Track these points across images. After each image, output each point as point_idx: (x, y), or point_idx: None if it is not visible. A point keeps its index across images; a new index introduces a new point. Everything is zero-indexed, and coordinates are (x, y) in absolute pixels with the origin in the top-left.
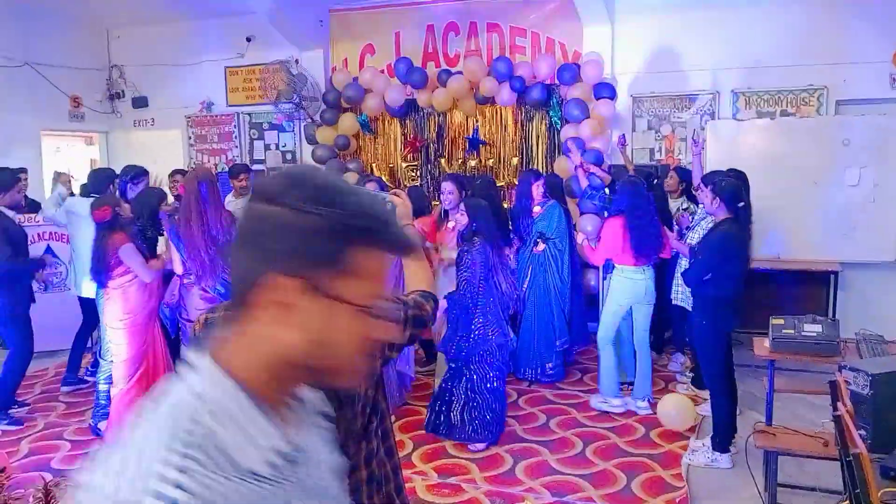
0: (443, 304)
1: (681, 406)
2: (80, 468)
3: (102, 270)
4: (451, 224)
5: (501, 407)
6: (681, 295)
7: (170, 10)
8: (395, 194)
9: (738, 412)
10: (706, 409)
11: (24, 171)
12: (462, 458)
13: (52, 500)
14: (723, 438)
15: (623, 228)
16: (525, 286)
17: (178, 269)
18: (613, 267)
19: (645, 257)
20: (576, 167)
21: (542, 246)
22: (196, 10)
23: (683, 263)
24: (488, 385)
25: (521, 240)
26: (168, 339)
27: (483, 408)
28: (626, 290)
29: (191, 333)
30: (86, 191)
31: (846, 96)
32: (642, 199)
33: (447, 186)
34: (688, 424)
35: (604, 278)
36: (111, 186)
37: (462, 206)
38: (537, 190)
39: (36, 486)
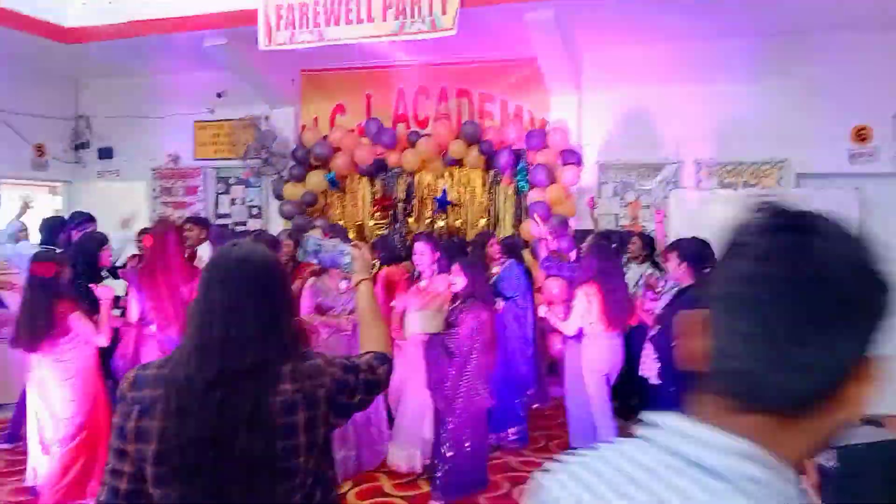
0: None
1: None
2: None
3: (40, 335)
4: (423, 283)
5: (472, 466)
6: (647, 367)
7: (141, 62)
8: (355, 246)
9: None
10: None
11: None
12: None
13: None
14: None
15: (596, 294)
16: None
17: (134, 316)
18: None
19: (617, 323)
20: (539, 239)
21: (500, 304)
22: (168, 64)
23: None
24: (466, 444)
25: None
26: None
27: (452, 462)
28: (603, 357)
29: (119, 391)
30: (42, 240)
31: (807, 170)
32: (611, 262)
33: (420, 247)
34: None
35: (564, 342)
36: (61, 235)
37: (457, 266)
38: (492, 249)
39: None
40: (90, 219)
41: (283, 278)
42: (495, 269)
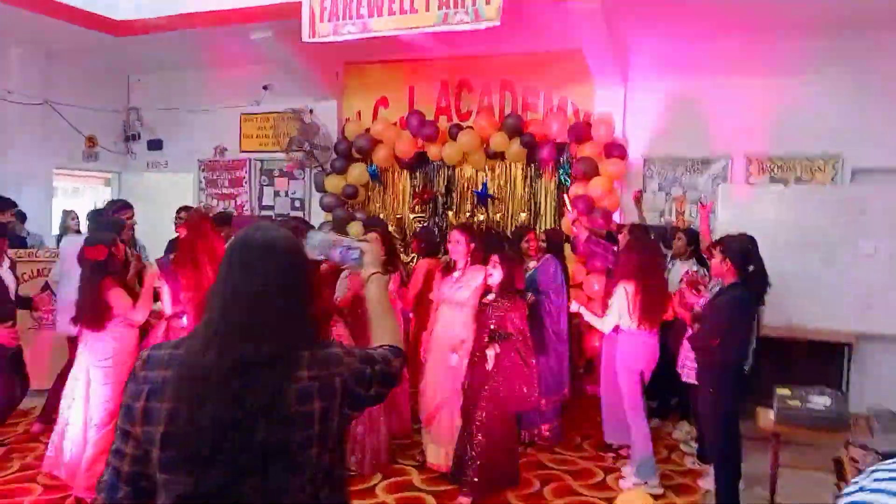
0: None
1: None
2: None
3: (96, 316)
4: (456, 274)
5: (503, 462)
6: (686, 369)
7: (189, 55)
8: (364, 240)
9: (741, 487)
10: (709, 482)
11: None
12: None
13: None
14: None
15: (635, 290)
16: None
17: (168, 310)
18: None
19: (653, 320)
20: (572, 221)
21: (531, 297)
22: (215, 57)
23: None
24: (496, 440)
25: None
26: None
27: (484, 458)
28: (638, 355)
29: (132, 370)
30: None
31: (862, 165)
32: (652, 257)
33: (455, 236)
34: None
35: (601, 339)
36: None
37: (495, 258)
38: (529, 244)
39: None
40: (126, 205)
41: (306, 264)
42: (532, 264)
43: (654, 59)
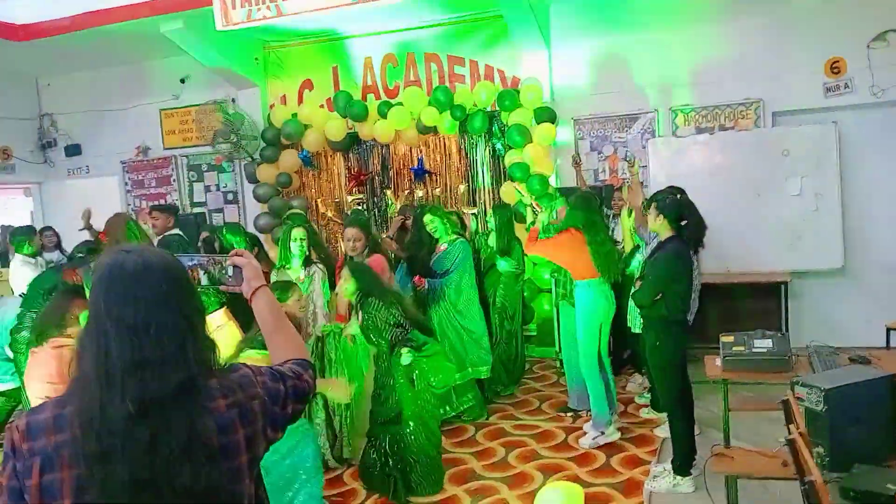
0: None
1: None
2: None
3: (48, 328)
4: None
5: None
6: (635, 319)
7: (98, 55)
8: (237, 254)
9: (697, 432)
10: (666, 430)
11: None
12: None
13: None
14: (683, 461)
15: (582, 243)
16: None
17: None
18: (572, 288)
19: (611, 274)
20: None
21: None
22: (127, 54)
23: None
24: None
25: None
26: None
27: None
28: (598, 306)
29: (6, 446)
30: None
31: (782, 107)
32: (597, 213)
33: (352, 233)
34: None
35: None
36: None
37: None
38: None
39: None
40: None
41: (189, 283)
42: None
43: (575, 19)
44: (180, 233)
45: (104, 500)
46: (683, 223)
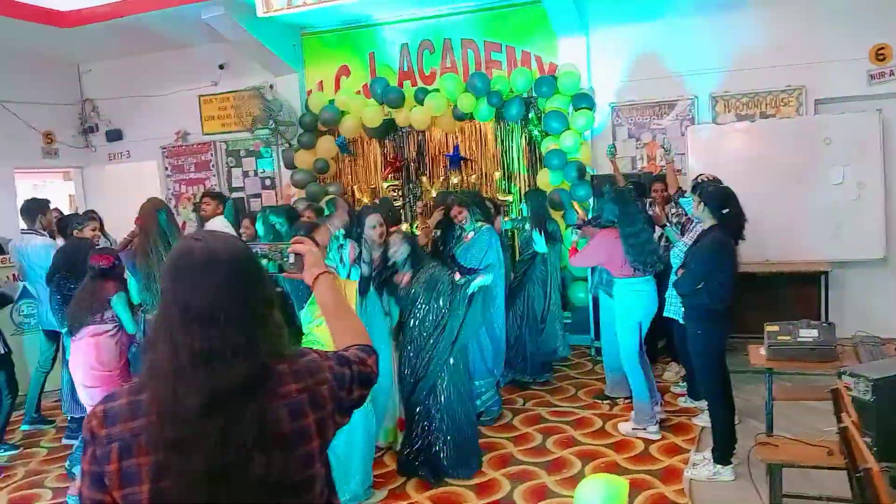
0: None
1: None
2: None
3: (83, 315)
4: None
5: None
6: (672, 307)
7: (139, 42)
8: (297, 242)
9: (737, 421)
10: (704, 419)
11: None
12: (457, 486)
13: None
14: (723, 450)
15: (617, 239)
16: None
17: (136, 299)
18: (612, 284)
19: (646, 265)
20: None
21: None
22: (167, 41)
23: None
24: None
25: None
26: None
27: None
28: (635, 305)
29: (86, 432)
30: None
31: (825, 95)
32: (631, 206)
33: (374, 219)
34: None
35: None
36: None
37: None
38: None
39: None
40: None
41: (259, 270)
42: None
43: (614, 4)
44: (226, 220)
45: (181, 487)
46: (725, 211)
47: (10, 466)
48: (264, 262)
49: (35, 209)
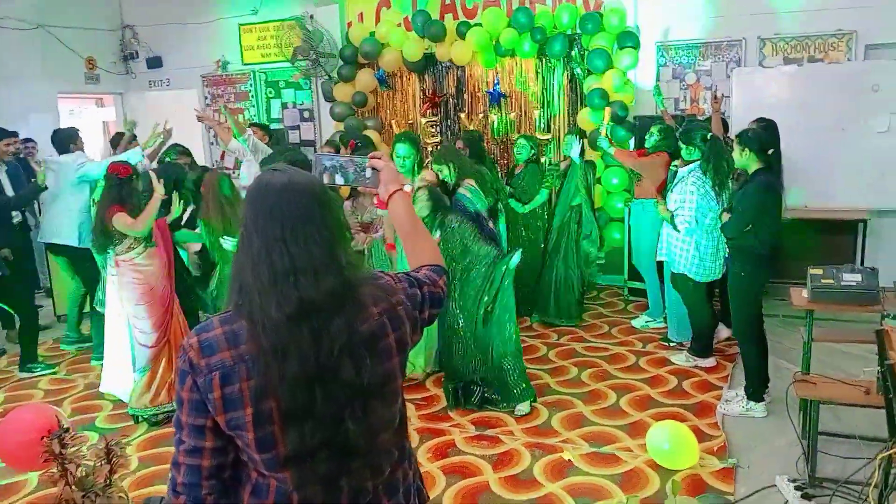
0: None
1: (676, 440)
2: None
3: (103, 241)
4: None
5: None
6: (665, 249)
7: None
8: (374, 157)
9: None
10: (680, 358)
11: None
12: (497, 411)
13: (114, 459)
14: (756, 388)
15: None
16: None
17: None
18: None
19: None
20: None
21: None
22: None
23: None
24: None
25: None
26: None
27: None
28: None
29: (183, 363)
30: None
31: (876, 40)
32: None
33: (403, 149)
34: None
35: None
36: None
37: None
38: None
39: (96, 445)
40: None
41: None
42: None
43: None
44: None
45: (284, 400)
46: (771, 152)
47: (70, 379)
48: (339, 176)
49: (65, 139)
